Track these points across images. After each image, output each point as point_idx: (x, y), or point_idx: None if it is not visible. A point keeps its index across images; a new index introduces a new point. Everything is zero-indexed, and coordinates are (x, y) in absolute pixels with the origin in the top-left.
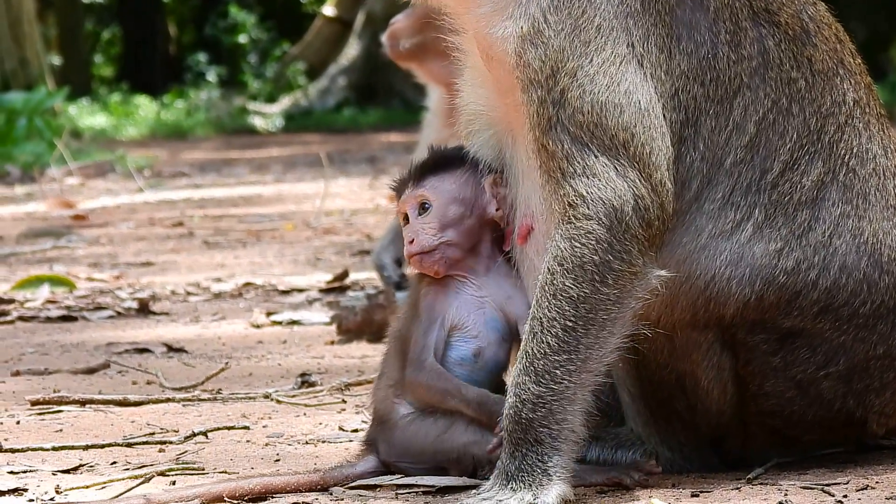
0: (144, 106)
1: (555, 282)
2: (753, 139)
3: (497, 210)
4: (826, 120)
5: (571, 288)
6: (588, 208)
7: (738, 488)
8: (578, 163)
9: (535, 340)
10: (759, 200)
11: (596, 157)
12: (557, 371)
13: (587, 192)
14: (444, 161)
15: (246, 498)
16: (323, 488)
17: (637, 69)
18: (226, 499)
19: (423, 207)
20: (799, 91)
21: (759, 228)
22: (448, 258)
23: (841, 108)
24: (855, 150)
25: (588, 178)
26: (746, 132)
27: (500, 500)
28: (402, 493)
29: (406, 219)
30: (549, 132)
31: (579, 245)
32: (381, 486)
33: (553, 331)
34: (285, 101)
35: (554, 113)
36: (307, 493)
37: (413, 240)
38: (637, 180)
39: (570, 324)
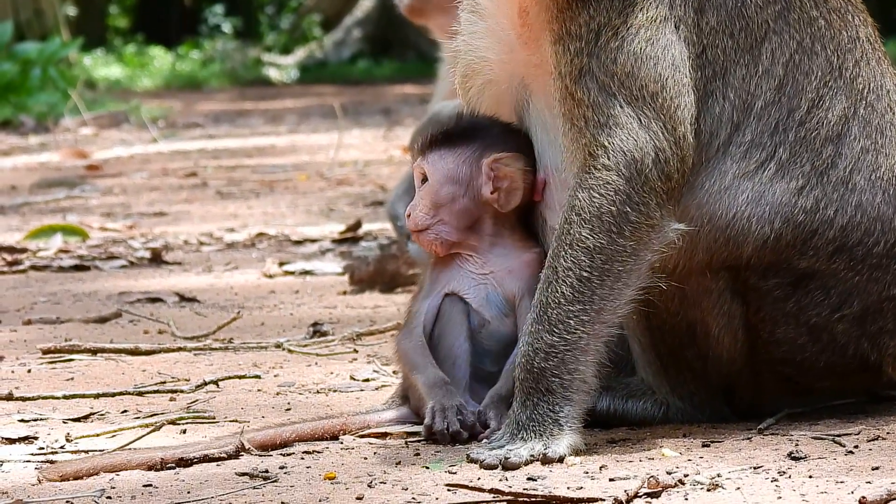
0: (159, 57)
1: (571, 231)
2: (782, 81)
3: (493, 192)
4: (845, 56)
5: (588, 238)
6: (608, 158)
7: (748, 438)
8: (603, 112)
9: (549, 289)
10: (786, 139)
11: (621, 107)
12: (571, 321)
13: (609, 143)
14: (451, 136)
15: (277, 444)
16: (344, 433)
17: (673, 31)
18: (247, 446)
19: (425, 179)
20: (819, 29)
21: (783, 167)
22: (443, 239)
23: (856, 44)
24: (871, 85)
25: (611, 128)
26: (775, 76)
27: (510, 450)
28: (412, 442)
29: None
30: (580, 80)
31: (597, 195)
32: (391, 434)
33: (568, 280)
34: (300, 53)
35: (587, 62)
36: (318, 443)
37: (409, 213)
38: (660, 133)
39: (586, 274)
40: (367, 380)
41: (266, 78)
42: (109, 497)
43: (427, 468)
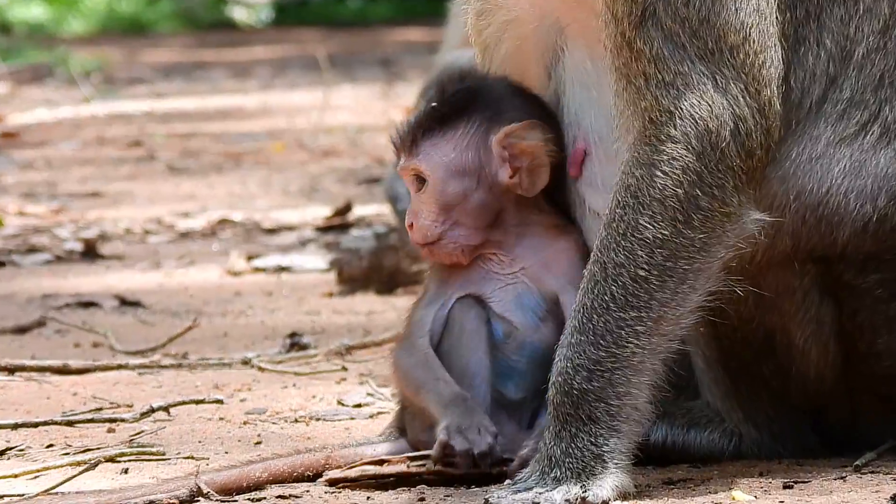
0: None
1: (625, 218)
2: (888, 22)
3: (512, 176)
4: None
5: (647, 227)
6: (675, 128)
7: (842, 477)
8: (669, 69)
9: (595, 291)
10: (893, 95)
11: (692, 63)
12: (622, 331)
13: (676, 108)
14: (441, 115)
15: (243, 487)
16: (330, 471)
17: None
18: (205, 489)
19: (420, 181)
20: None
21: (889, 129)
22: (463, 245)
23: None
24: None
25: (679, 89)
26: (879, 15)
27: (539, 493)
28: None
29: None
30: (641, 26)
31: (661, 174)
32: (391, 464)
33: (620, 280)
34: None
35: (652, 3)
36: (296, 484)
37: (412, 224)
38: (741, 97)
39: (643, 273)
40: (358, 405)
41: (231, 20)
42: None
43: None
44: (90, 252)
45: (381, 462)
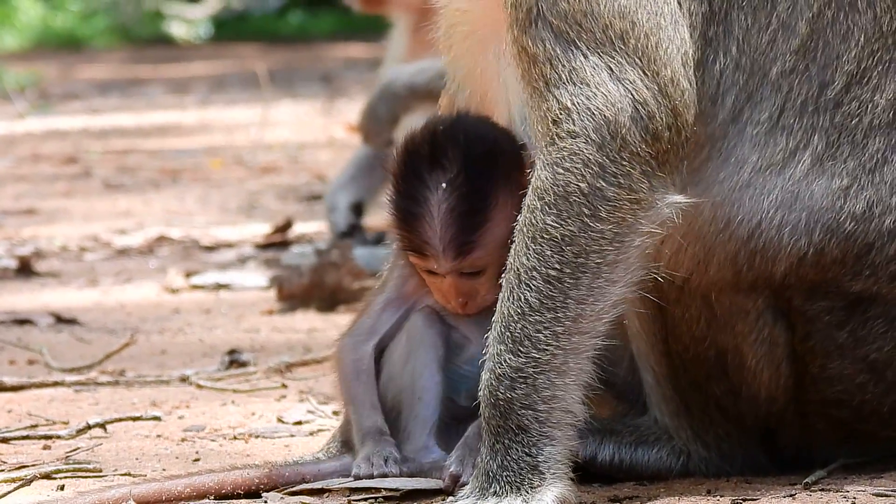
0: (26, 8)
1: (534, 220)
2: (806, 42)
3: None
4: None
5: (554, 226)
6: (573, 123)
7: (791, 495)
8: (563, 67)
9: (510, 298)
10: (819, 123)
11: (585, 57)
12: (540, 335)
13: (573, 104)
14: (478, 205)
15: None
16: (269, 488)
17: None
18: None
19: (476, 272)
20: None
21: (820, 160)
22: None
23: None
24: None
25: (575, 84)
26: (796, 33)
27: None
28: (355, 501)
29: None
30: (530, 29)
31: (562, 171)
32: (329, 490)
33: (533, 283)
34: (213, 2)
35: (535, 3)
36: (231, 502)
37: (467, 303)
38: (639, 81)
39: (555, 273)
40: (298, 422)
41: (168, 36)
42: None
43: None
44: (25, 269)
45: (321, 491)
